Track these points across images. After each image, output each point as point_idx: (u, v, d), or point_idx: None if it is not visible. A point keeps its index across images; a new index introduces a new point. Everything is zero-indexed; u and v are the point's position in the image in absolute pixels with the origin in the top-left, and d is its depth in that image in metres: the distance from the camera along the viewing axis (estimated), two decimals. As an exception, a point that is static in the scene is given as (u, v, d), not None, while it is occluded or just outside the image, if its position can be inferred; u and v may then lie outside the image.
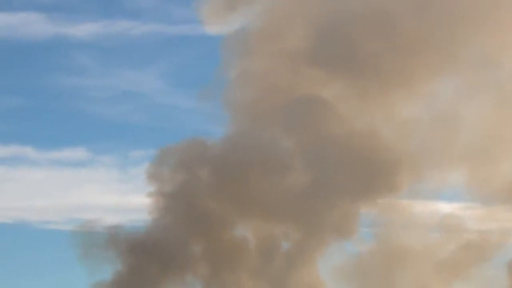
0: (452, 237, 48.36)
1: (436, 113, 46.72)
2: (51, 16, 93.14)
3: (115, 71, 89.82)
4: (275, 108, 44.80)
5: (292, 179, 43.70)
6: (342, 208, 45.26)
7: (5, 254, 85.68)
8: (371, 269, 47.96)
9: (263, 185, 42.24)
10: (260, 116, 44.99)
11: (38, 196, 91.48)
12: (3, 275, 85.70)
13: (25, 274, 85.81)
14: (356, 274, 48.42)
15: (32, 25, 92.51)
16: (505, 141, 47.22)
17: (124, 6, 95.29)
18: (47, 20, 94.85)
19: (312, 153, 44.08)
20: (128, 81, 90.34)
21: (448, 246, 47.14)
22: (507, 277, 51.11)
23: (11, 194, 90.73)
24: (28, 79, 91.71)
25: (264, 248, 44.62)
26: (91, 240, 42.54)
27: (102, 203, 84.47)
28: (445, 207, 51.07)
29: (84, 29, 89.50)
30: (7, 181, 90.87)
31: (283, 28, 47.62)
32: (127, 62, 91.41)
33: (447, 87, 49.11)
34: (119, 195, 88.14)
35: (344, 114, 44.73)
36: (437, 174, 49.50)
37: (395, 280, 49.05)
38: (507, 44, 47.57)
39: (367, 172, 44.16)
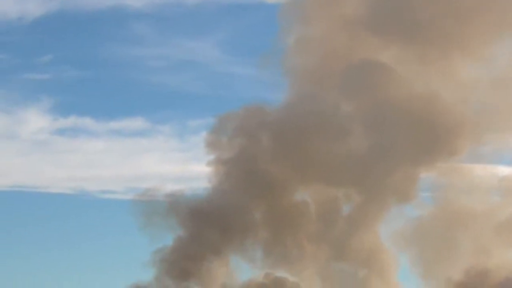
0: (512, 199, 48.18)
1: (495, 75, 46.03)
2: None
3: (172, 41, 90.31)
4: (334, 74, 44.55)
5: (352, 144, 43.43)
6: (402, 172, 44.89)
7: (67, 224, 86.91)
8: (432, 233, 47.64)
9: (323, 150, 42.02)
10: (319, 82, 44.86)
11: (98, 166, 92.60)
12: (66, 244, 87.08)
13: (87, 243, 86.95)
14: (416, 238, 48.12)
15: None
16: None
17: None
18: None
19: (372, 118, 43.85)
20: (185, 50, 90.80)
21: (509, 209, 46.56)
22: None
23: (71, 165, 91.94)
24: (86, 50, 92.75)
25: (325, 212, 44.50)
26: (152, 208, 42.70)
27: (161, 172, 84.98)
28: (505, 171, 50.28)
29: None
30: (67, 152, 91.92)
31: (340, -7, 48.12)
32: (184, 31, 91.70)
33: (505, 50, 48.21)
34: (178, 164, 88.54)
35: (403, 78, 44.35)
36: (497, 137, 48.79)
37: (455, 243, 48.59)
38: None
39: (427, 136, 43.81)
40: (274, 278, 43.95)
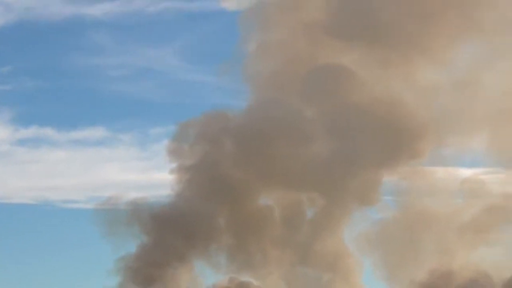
0: (475, 201, 48.27)
1: (456, 79, 46.67)
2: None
3: (132, 49, 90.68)
4: (296, 79, 44.82)
5: (314, 148, 43.64)
6: (365, 176, 45.13)
7: (29, 234, 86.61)
8: (395, 236, 48.03)
9: (286, 155, 42.26)
10: (281, 87, 45.20)
11: (60, 176, 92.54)
12: (28, 255, 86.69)
13: (50, 253, 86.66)
14: (380, 241, 48.44)
15: (49, 6, 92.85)
16: (526, 106, 47.86)
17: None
18: (64, 0, 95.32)
19: (334, 122, 44.21)
20: (145, 58, 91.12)
21: (471, 210, 47.18)
22: (530, 239, 51.65)
23: (33, 175, 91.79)
24: (45, 60, 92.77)
25: (289, 216, 44.64)
26: (114, 216, 42.64)
27: (123, 180, 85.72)
28: (467, 173, 50.80)
29: (101, 9, 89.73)
30: (29, 162, 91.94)
31: (300, -1, 48.64)
32: (143, 39, 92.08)
33: (467, 54, 48.85)
34: (139, 173, 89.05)
35: (365, 82, 44.80)
36: (458, 140, 49.39)
37: (419, 245, 49.08)
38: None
39: (389, 140, 44.17)
40: (238, 283, 44.05)
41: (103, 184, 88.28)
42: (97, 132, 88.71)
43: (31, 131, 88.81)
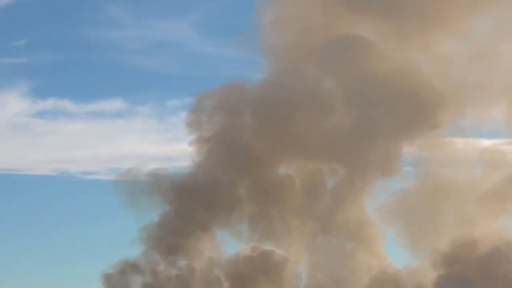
0: (494, 171, 48.19)
1: (474, 50, 46.67)
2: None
3: (148, 22, 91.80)
4: (313, 50, 44.87)
5: (334, 119, 43.69)
6: (385, 146, 45.10)
7: (49, 206, 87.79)
8: (416, 206, 48.05)
9: (306, 125, 42.29)
10: (298, 59, 45.18)
11: (78, 148, 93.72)
12: (49, 226, 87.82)
13: (71, 224, 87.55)
14: (401, 211, 48.41)
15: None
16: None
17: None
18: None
19: (353, 93, 44.21)
20: (161, 31, 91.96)
21: (491, 180, 47.09)
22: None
23: (51, 147, 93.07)
24: (62, 33, 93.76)
25: (309, 186, 44.72)
26: (135, 187, 42.95)
27: (141, 152, 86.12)
28: (486, 143, 51.03)
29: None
30: (47, 134, 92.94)
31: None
32: (159, 12, 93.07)
33: (484, 25, 48.90)
34: (157, 145, 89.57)
35: (383, 52, 44.84)
36: (477, 110, 49.46)
37: (440, 215, 48.99)
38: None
39: (408, 110, 44.18)
40: (261, 251, 44.14)
41: (121, 156, 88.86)
42: (115, 104, 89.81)
43: (49, 103, 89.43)
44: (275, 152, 43.00)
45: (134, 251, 42.91)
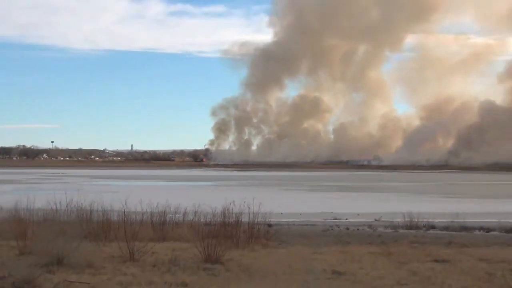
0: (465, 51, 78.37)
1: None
2: None
3: None
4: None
5: (362, 16, 72.67)
6: (394, 33, 73.37)
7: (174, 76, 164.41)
8: (412, 73, 78.46)
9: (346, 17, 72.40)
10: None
11: (196, 36, 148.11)
12: (177, 85, 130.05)
13: (191, 84, 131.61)
14: (403, 75, 79.17)
15: None
16: None
17: None
18: None
19: None
20: None
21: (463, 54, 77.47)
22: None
23: (178, 35, 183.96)
24: None
25: (345, 56, 74.78)
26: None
27: (235, 39, 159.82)
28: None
29: None
30: (176, 27, 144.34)
31: None
32: None
33: None
34: (245, 34, 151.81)
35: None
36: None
37: (427, 79, 79.32)
38: None
39: (412, 10, 74.91)
40: (313, 96, 76.03)
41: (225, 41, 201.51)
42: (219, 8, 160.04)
43: (178, 7, 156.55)
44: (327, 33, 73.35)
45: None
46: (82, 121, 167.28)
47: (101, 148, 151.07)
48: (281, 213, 18.57)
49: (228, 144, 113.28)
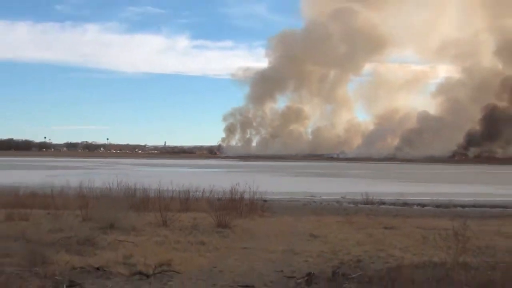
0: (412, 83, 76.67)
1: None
2: None
3: None
4: None
5: (332, 48, 71.33)
6: (356, 61, 73.00)
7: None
8: (369, 91, 77.57)
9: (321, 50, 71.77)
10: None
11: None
12: None
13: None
14: (363, 93, 78.50)
15: None
16: None
17: None
18: None
19: (344, 28, 75.41)
20: None
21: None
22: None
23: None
24: None
25: (320, 77, 74.50)
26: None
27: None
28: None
29: None
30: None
31: None
32: None
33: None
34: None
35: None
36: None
37: (380, 95, 78.76)
38: None
39: (368, 45, 72.79)
40: (296, 107, 75.91)
41: (234, 67, 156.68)
42: (229, 43, 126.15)
43: (199, 42, 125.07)
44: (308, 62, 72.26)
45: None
46: (129, 123, 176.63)
47: (143, 144, 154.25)
48: (273, 192, 17.92)
49: (235, 141, 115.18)
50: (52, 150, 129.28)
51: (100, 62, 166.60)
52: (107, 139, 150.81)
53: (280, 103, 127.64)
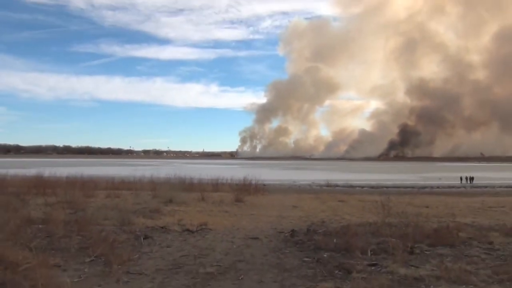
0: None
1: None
2: None
3: None
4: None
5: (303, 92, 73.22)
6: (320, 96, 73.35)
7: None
8: (330, 117, 77.31)
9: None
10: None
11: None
12: None
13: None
14: (327, 120, 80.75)
15: None
16: None
17: None
18: None
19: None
20: None
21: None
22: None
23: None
24: None
25: (298, 108, 74.20)
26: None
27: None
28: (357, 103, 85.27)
29: None
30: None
31: None
32: None
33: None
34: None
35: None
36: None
37: (335, 120, 79.90)
38: None
39: (324, 89, 74.57)
40: (284, 126, 76.57)
41: (245, 103, 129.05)
42: (242, 88, 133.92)
43: (223, 88, 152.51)
44: (291, 98, 72.01)
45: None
46: (181, 137, 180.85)
47: (189, 150, 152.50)
48: (270, 180, 18.12)
49: (246, 148, 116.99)
50: (134, 154, 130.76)
51: (164, 100, 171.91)
52: (168, 147, 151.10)
53: (274, 124, 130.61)
